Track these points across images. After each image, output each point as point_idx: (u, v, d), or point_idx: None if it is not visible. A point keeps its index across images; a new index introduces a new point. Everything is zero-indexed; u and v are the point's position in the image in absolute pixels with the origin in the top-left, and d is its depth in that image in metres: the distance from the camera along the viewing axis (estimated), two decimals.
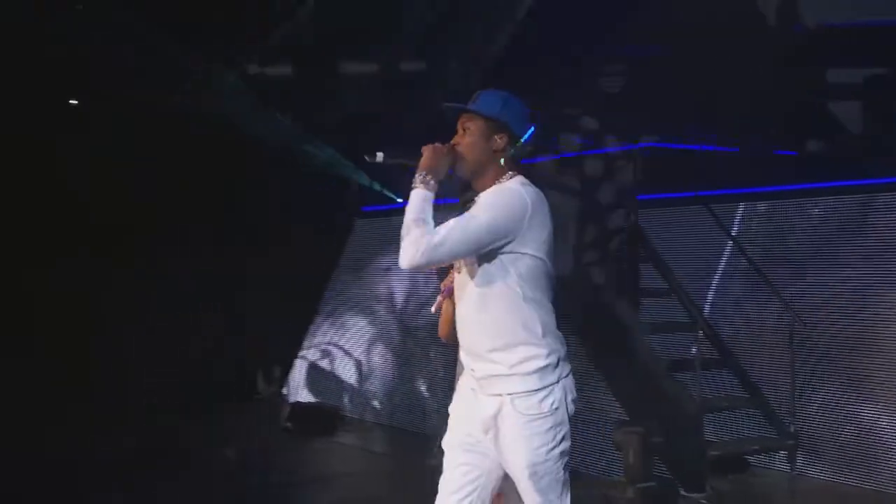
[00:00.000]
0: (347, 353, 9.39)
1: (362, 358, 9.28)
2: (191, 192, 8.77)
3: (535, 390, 3.27)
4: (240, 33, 8.22)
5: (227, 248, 9.10)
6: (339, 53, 8.65)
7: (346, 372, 9.43)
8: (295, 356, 10.01)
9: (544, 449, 3.27)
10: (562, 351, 3.35)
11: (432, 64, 8.57)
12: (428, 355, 8.60)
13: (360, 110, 8.51)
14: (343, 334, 9.50)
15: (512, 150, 3.41)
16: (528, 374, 3.29)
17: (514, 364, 3.29)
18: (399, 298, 8.94)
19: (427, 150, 3.34)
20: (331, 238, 9.71)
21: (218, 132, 8.35)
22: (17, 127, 7.88)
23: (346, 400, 9.35)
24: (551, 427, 3.28)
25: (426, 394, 8.63)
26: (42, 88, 8.02)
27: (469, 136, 3.42)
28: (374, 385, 9.16)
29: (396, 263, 9.70)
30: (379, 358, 9.14)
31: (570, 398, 3.33)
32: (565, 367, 3.35)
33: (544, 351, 3.30)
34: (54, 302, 8.23)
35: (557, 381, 3.30)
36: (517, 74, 7.43)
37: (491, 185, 3.41)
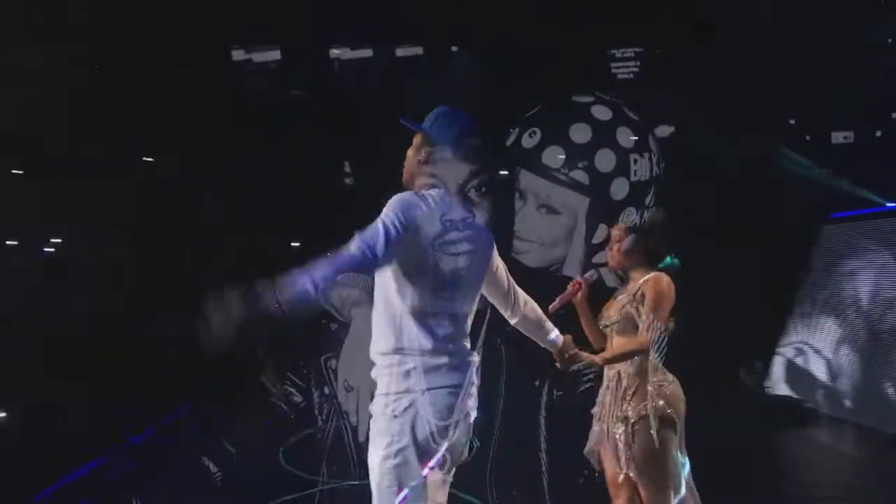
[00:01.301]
0: (818, 351, 9.73)
1: (831, 357, 9.59)
2: None
3: (382, 394, 3.31)
4: None
5: None
6: None
7: (818, 369, 9.77)
8: (773, 352, 10.33)
9: (377, 455, 3.24)
10: (420, 361, 3.24)
11: None
12: (890, 358, 8.80)
13: None
14: (813, 334, 9.82)
15: (448, 166, 3.42)
16: (379, 376, 3.31)
17: (375, 366, 3.35)
18: (864, 302, 9.13)
19: None
20: (795, 243, 9.87)
21: None
22: None
23: (818, 396, 9.69)
24: (383, 433, 3.24)
25: (892, 395, 8.82)
26: None
27: (410, 149, 3.53)
28: (843, 384, 9.44)
29: (862, 268, 10.40)
30: (845, 358, 9.41)
31: (426, 412, 3.22)
32: (423, 380, 3.23)
33: (395, 358, 3.27)
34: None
35: (406, 392, 3.25)
36: None
37: None
